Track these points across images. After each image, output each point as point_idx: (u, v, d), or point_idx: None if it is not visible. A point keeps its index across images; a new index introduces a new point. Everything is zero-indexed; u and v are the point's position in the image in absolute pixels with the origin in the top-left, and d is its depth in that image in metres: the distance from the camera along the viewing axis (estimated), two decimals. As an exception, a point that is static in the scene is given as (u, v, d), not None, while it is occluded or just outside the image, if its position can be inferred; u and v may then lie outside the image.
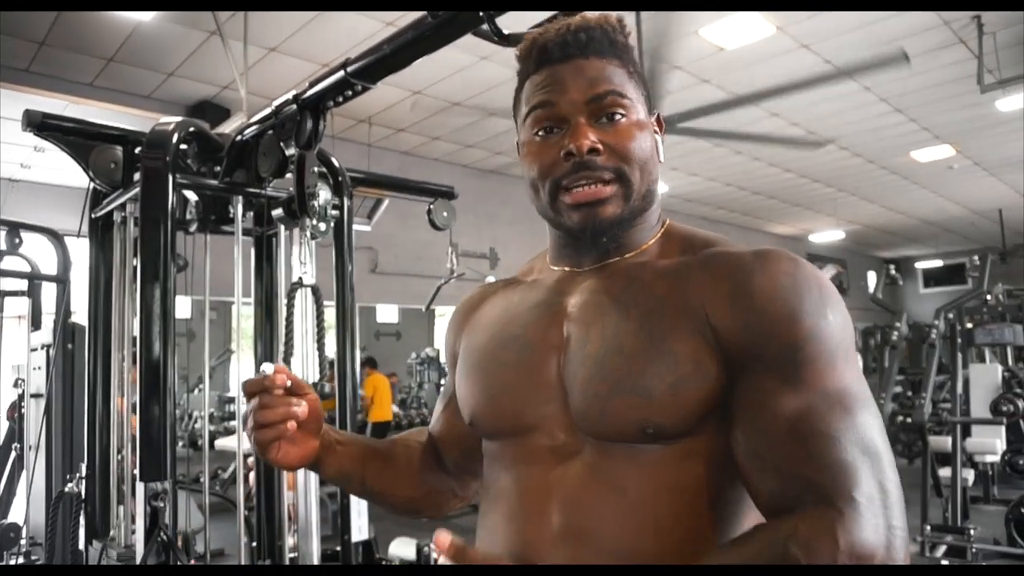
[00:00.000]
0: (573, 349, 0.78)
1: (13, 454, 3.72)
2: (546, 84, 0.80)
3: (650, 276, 0.78)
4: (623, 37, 0.82)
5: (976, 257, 6.05)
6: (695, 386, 0.70)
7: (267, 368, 0.83)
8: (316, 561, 1.98)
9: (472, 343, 0.90)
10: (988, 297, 5.85)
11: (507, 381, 0.82)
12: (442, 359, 10.68)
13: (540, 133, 0.80)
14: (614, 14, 0.83)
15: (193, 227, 2.05)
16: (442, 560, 0.65)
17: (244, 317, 1.98)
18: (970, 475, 5.16)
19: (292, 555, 2.07)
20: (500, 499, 0.81)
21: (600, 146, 0.76)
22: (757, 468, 0.67)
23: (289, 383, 0.83)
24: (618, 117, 0.78)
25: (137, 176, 1.85)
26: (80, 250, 2.22)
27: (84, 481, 2.07)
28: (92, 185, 2.01)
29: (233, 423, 8.18)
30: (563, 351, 0.79)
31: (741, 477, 0.70)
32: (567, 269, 0.86)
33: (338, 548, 1.98)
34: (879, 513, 0.61)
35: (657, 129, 0.85)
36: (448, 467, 1.01)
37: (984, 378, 5.35)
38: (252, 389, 0.83)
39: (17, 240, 3.56)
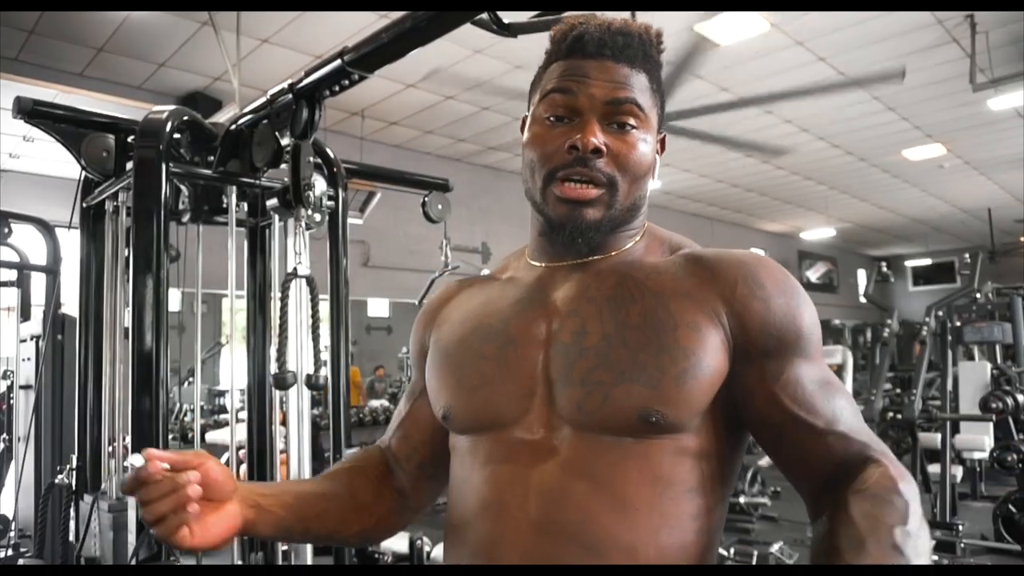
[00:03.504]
0: (564, 342, 0.78)
1: (2, 446, 3.69)
2: (572, 73, 0.80)
3: (643, 274, 0.81)
4: (656, 52, 0.83)
5: (967, 255, 6.08)
6: (701, 378, 0.74)
7: (135, 460, 0.74)
8: (308, 555, 1.97)
9: (445, 337, 0.89)
10: (978, 295, 5.89)
11: (486, 374, 0.82)
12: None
13: (551, 118, 0.80)
14: (655, 27, 0.84)
15: (186, 218, 2.03)
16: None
17: (236, 310, 1.97)
18: (959, 471, 5.20)
19: (284, 548, 2.06)
20: (472, 494, 0.80)
21: (604, 148, 0.78)
22: (806, 433, 0.74)
23: (167, 465, 0.74)
24: (629, 127, 0.79)
25: (130, 165, 1.83)
26: (71, 241, 2.20)
27: (75, 473, 2.05)
28: (84, 174, 1.99)
29: (224, 416, 8.15)
30: (548, 345, 0.80)
31: (777, 454, 0.77)
32: (547, 265, 0.86)
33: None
34: (888, 457, 0.74)
35: (660, 149, 0.86)
36: (402, 481, 0.96)
37: (973, 375, 5.38)
38: (130, 489, 0.74)
39: (6, 230, 3.53)
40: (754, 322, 0.75)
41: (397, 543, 2.63)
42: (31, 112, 1.82)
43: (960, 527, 4.25)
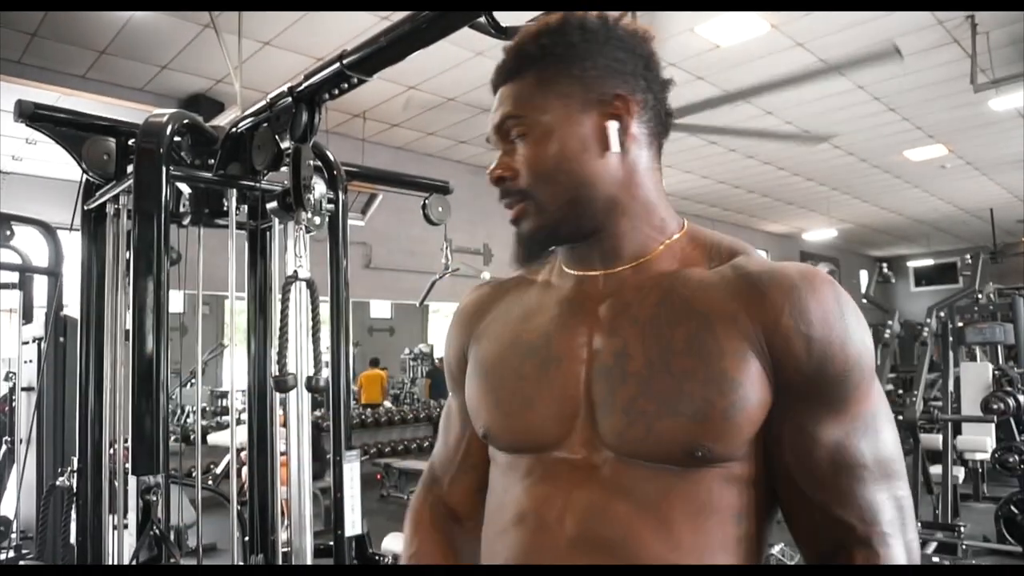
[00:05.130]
0: (606, 364, 0.75)
1: (4, 447, 3.70)
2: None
3: (688, 289, 0.75)
4: (541, 43, 0.78)
5: (968, 256, 6.08)
6: (749, 410, 0.70)
7: None
8: (309, 556, 1.97)
9: (484, 351, 0.87)
10: (979, 296, 5.88)
11: (527, 395, 0.79)
12: (437, 354, 10.72)
13: None
14: (554, 21, 0.80)
15: (186, 220, 2.03)
16: None
17: (237, 312, 1.97)
18: (960, 473, 5.19)
19: (285, 550, 2.06)
20: (510, 506, 0.79)
21: (508, 172, 0.80)
22: (798, 499, 0.72)
23: None
24: (518, 139, 0.80)
25: (130, 168, 1.84)
26: (72, 243, 2.21)
27: (76, 475, 2.05)
28: (85, 177, 1.99)
29: (225, 418, 8.16)
30: (590, 364, 0.77)
31: (779, 501, 0.74)
32: (582, 273, 0.83)
33: (331, 543, 1.97)
34: (900, 535, 0.69)
35: (610, 114, 0.77)
36: (463, 517, 0.94)
37: (975, 376, 5.37)
38: None
39: (8, 233, 3.53)
40: (792, 360, 0.70)
41: (398, 544, 2.63)
42: (32, 116, 1.83)
43: (962, 528, 4.24)
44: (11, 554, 3.33)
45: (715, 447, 0.69)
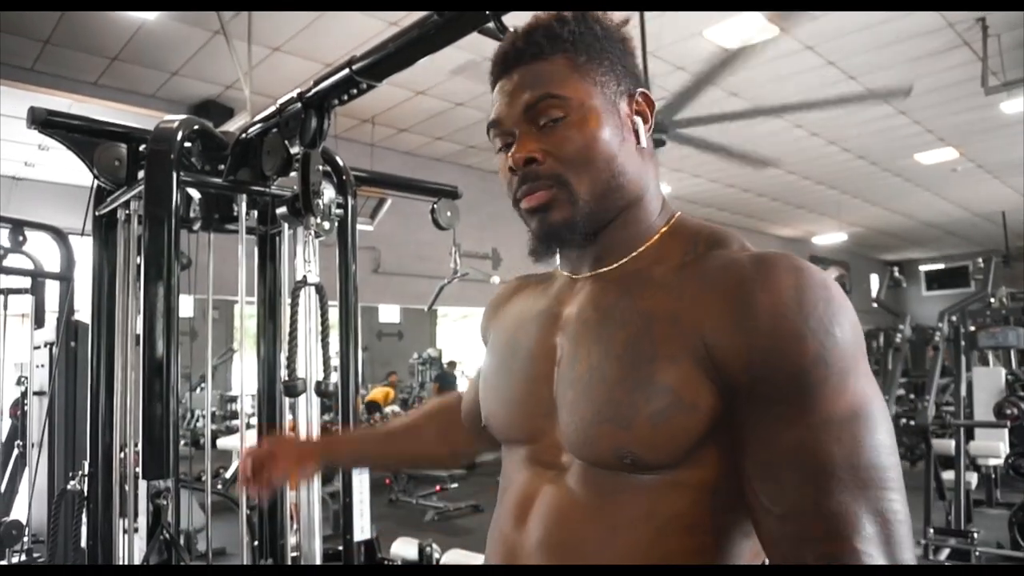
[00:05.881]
0: (564, 366, 0.77)
1: (16, 452, 3.72)
2: (497, 100, 0.81)
3: (641, 289, 0.74)
4: (574, 26, 0.78)
5: (980, 260, 6.03)
6: (680, 417, 0.66)
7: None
8: (318, 560, 1.98)
9: (492, 343, 0.92)
10: (992, 300, 5.83)
11: (514, 391, 0.83)
12: (446, 359, 10.81)
13: (501, 149, 0.82)
14: (569, 13, 0.80)
15: (197, 225, 2.04)
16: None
17: (247, 317, 1.98)
18: (973, 478, 5.14)
19: (294, 554, 2.06)
20: (498, 507, 0.84)
21: (539, 155, 0.76)
22: (761, 508, 0.64)
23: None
24: (558, 119, 0.76)
25: (141, 174, 1.85)
26: (84, 248, 2.22)
27: (86, 479, 2.06)
28: (96, 183, 2.01)
29: (235, 422, 8.19)
30: (557, 365, 0.78)
31: (748, 509, 0.66)
32: (567, 275, 0.85)
33: (340, 548, 1.98)
34: (882, 554, 0.58)
35: (635, 110, 0.80)
36: (471, 428, 1.06)
37: (988, 381, 5.33)
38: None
39: (21, 238, 3.56)
40: (735, 360, 0.64)
41: (406, 549, 2.63)
42: (44, 122, 1.84)
43: (975, 535, 4.21)
44: (23, 557, 3.35)
45: (643, 454, 0.67)
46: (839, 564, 0.58)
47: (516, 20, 1.16)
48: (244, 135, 1.80)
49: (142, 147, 1.92)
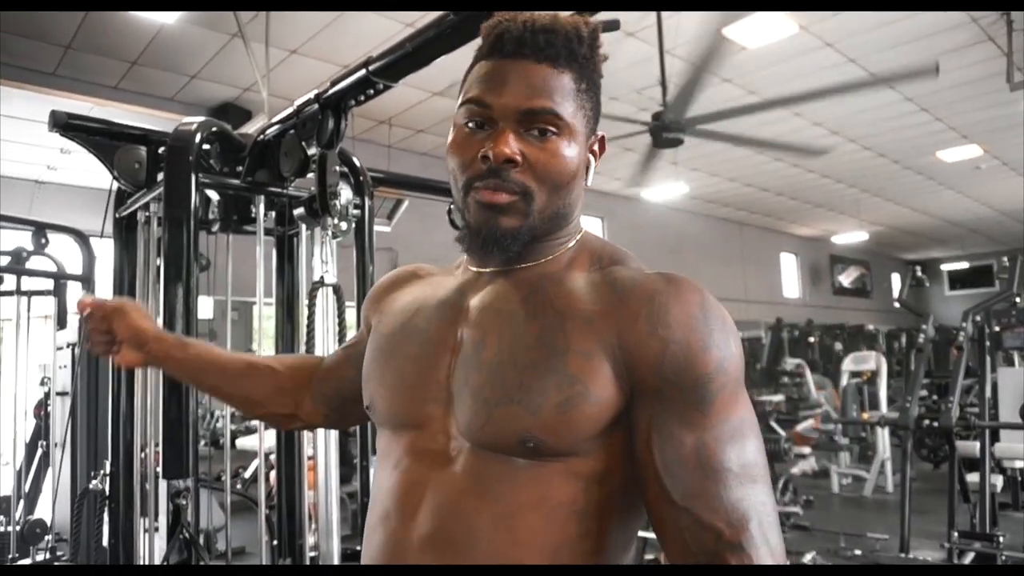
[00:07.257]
0: (466, 353, 0.78)
1: (40, 451, 3.77)
2: (488, 78, 0.77)
3: (555, 289, 0.77)
4: (587, 49, 0.78)
5: (1005, 259, 5.93)
6: (586, 407, 0.70)
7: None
8: (336, 560, 1.98)
9: (382, 326, 0.91)
10: (1017, 300, 5.73)
11: (405, 374, 0.83)
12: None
13: (470, 125, 0.78)
14: (593, 21, 0.80)
15: (215, 227, 2.06)
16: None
17: (265, 317, 1.99)
18: (999, 481, 5.06)
19: (312, 554, 2.07)
20: (378, 500, 0.81)
21: (518, 159, 0.75)
22: (663, 498, 0.69)
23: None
24: (550, 134, 0.76)
25: (161, 176, 1.87)
26: (104, 250, 2.25)
27: (108, 479, 2.08)
28: (116, 185, 2.03)
29: (254, 422, 8.25)
30: (455, 354, 0.79)
31: (646, 504, 0.72)
32: (475, 269, 0.85)
33: (358, 548, 1.98)
34: (764, 541, 0.68)
35: (595, 151, 0.83)
36: (313, 393, 1.07)
37: (1013, 382, 5.25)
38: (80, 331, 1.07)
39: (43, 240, 3.61)
40: (648, 363, 0.70)
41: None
42: (66, 125, 1.86)
43: (1001, 538, 4.13)
44: (47, 555, 3.39)
45: (546, 439, 0.70)
46: (739, 547, 0.66)
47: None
48: (262, 136, 1.81)
49: (161, 149, 1.94)
